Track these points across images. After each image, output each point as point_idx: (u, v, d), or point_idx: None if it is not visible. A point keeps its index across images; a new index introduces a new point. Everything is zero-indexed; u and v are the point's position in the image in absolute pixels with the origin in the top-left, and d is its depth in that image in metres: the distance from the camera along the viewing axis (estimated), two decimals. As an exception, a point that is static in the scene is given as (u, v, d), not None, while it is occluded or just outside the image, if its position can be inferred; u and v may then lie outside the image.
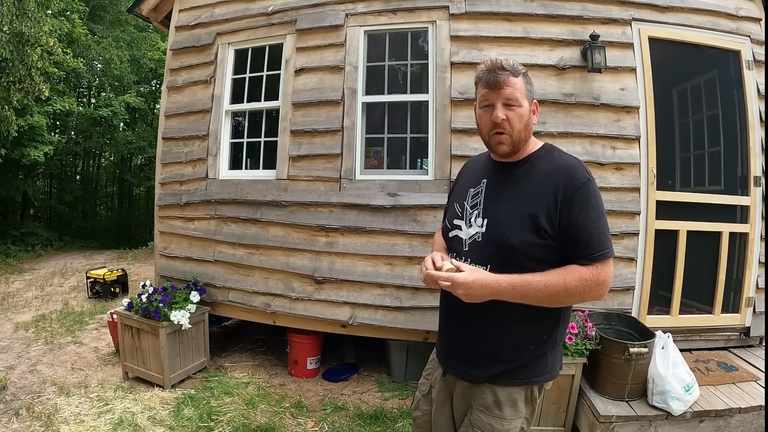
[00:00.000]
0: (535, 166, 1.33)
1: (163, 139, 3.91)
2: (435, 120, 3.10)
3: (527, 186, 1.30)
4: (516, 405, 1.34)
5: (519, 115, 1.29)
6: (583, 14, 3.00)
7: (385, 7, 3.23)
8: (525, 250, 1.24)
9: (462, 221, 1.40)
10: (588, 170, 1.28)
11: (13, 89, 6.76)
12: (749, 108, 3.04)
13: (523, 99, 1.30)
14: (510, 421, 1.34)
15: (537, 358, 1.33)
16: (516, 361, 1.32)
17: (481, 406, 1.35)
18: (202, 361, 3.45)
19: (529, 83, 1.33)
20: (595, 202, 1.24)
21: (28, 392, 3.05)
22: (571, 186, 1.24)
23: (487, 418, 1.34)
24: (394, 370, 3.35)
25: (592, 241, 1.21)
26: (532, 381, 1.34)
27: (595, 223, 1.22)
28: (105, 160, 16.41)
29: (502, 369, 1.32)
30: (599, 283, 1.20)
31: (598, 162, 2.91)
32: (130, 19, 12.54)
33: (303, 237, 3.30)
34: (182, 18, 3.88)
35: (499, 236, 1.29)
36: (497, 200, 1.35)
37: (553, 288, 1.19)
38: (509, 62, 1.30)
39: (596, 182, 1.29)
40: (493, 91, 1.29)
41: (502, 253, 1.27)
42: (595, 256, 1.21)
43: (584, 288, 1.20)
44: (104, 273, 5.68)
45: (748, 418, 2.34)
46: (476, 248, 1.33)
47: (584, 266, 1.21)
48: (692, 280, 3.03)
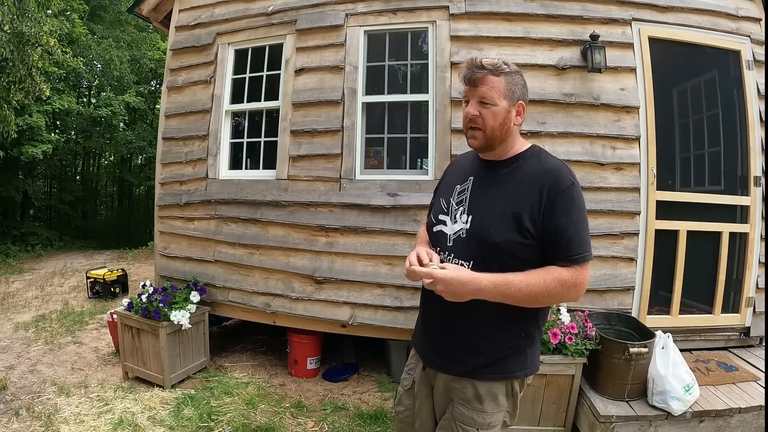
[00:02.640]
0: (521, 166, 1.35)
1: (163, 139, 3.91)
2: (435, 120, 3.10)
3: (513, 186, 1.32)
4: (497, 399, 1.36)
5: (493, 113, 1.31)
6: (583, 14, 3.00)
7: (385, 7, 3.23)
8: (507, 248, 1.26)
9: (447, 217, 1.42)
10: (573, 174, 1.30)
11: (14, 89, 6.76)
12: (749, 108, 3.04)
13: (500, 98, 1.30)
14: (491, 414, 1.36)
15: (516, 353, 1.35)
16: (494, 355, 1.34)
17: (462, 399, 1.37)
18: (202, 361, 3.45)
19: (514, 83, 1.32)
20: (578, 205, 1.27)
21: (28, 392, 3.05)
22: (556, 189, 1.26)
23: (468, 412, 1.36)
24: (394, 370, 3.35)
25: (572, 244, 1.23)
26: (512, 375, 1.36)
27: (576, 227, 1.24)
28: (105, 160, 16.44)
29: (480, 363, 1.34)
30: (576, 284, 1.23)
31: (598, 162, 2.90)
32: (130, 19, 12.56)
33: (303, 237, 3.30)
34: (182, 18, 3.89)
35: (482, 233, 1.31)
36: (483, 198, 1.36)
37: (533, 288, 1.21)
38: (492, 61, 1.30)
39: (596, 182, 1.29)
40: (470, 89, 1.33)
41: (485, 249, 1.29)
42: (573, 258, 1.23)
43: (562, 289, 1.22)
44: (104, 273, 5.69)
45: (748, 418, 2.34)
46: (460, 244, 1.35)
47: (563, 267, 1.23)
48: (692, 280, 3.03)
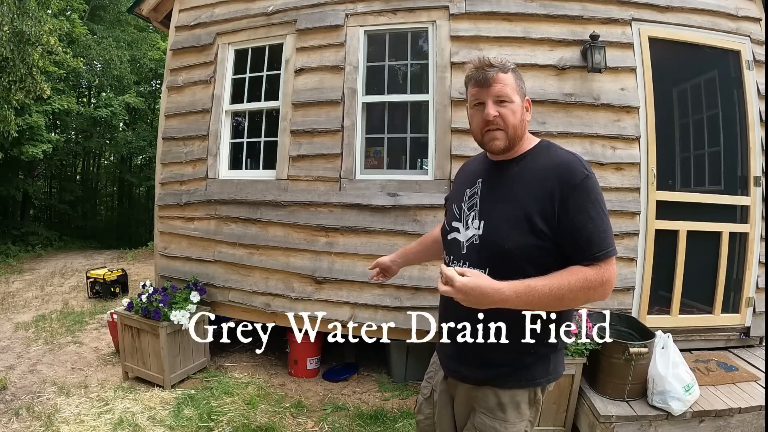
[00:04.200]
0: (530, 163, 1.28)
1: (163, 139, 3.91)
2: (435, 120, 3.10)
3: (523, 185, 1.26)
4: (519, 407, 1.31)
5: (512, 110, 1.26)
6: (583, 14, 3.00)
7: (385, 7, 3.23)
8: (522, 253, 1.21)
9: (460, 223, 1.37)
10: (587, 165, 1.22)
11: (14, 88, 6.76)
12: (749, 108, 3.04)
13: (515, 94, 1.27)
14: (514, 423, 1.30)
15: (539, 359, 1.30)
16: (517, 362, 1.29)
17: (484, 408, 1.32)
18: (202, 361, 3.45)
19: (519, 79, 1.31)
20: (595, 198, 1.18)
21: (28, 392, 3.05)
22: (568, 184, 1.18)
23: (490, 421, 1.30)
24: (394, 370, 3.35)
25: (593, 241, 1.16)
26: (536, 383, 1.31)
27: (595, 222, 1.16)
28: (105, 160, 16.45)
29: (503, 371, 1.29)
30: (603, 283, 1.15)
31: (598, 162, 2.91)
32: (130, 19, 12.56)
33: (303, 237, 3.30)
34: (182, 18, 3.88)
35: (495, 239, 1.25)
36: (493, 201, 1.31)
37: (557, 292, 1.13)
38: (497, 59, 1.28)
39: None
40: (483, 89, 1.27)
41: (499, 255, 1.23)
42: (597, 256, 1.15)
43: (588, 289, 1.14)
44: (104, 273, 5.68)
45: (748, 418, 2.34)
46: (474, 251, 1.30)
47: (587, 267, 1.15)
48: (692, 280, 3.03)
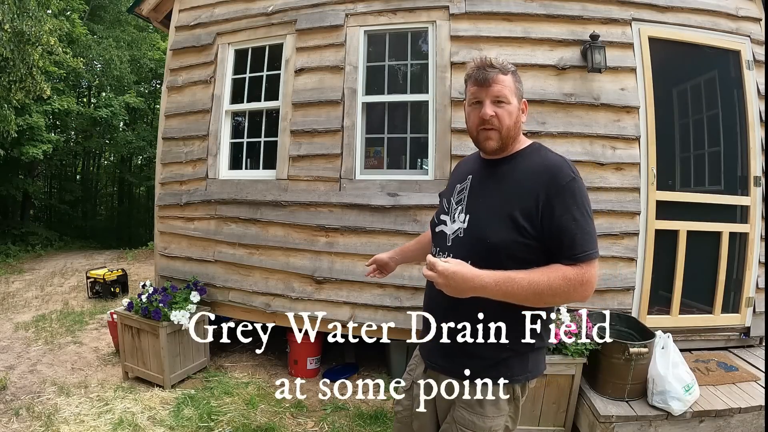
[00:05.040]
0: (520, 163, 1.32)
1: (163, 139, 3.91)
2: (435, 120, 3.10)
3: (510, 183, 1.30)
4: (498, 403, 1.34)
5: (508, 111, 1.30)
6: (583, 14, 3.00)
7: (385, 7, 3.23)
8: (505, 248, 1.24)
9: (447, 216, 1.42)
10: (574, 169, 1.26)
11: (15, 88, 6.76)
12: (749, 108, 3.04)
13: (512, 96, 1.30)
14: (492, 418, 1.34)
15: (518, 356, 1.33)
16: (495, 357, 1.32)
17: (463, 402, 1.36)
18: (202, 361, 3.45)
19: (518, 81, 1.34)
20: (580, 201, 1.22)
21: (28, 392, 3.05)
22: (555, 186, 1.22)
23: (469, 415, 1.34)
24: (394, 370, 3.35)
25: (576, 242, 1.19)
26: (514, 379, 1.33)
27: (579, 223, 1.20)
28: (105, 160, 16.47)
29: (482, 365, 1.33)
30: (584, 283, 1.18)
31: (598, 162, 2.90)
32: (130, 19, 12.56)
33: (303, 237, 3.30)
34: (182, 18, 3.89)
35: (478, 233, 1.30)
36: (480, 196, 1.35)
37: (536, 286, 1.16)
38: (498, 60, 1.31)
39: (596, 182, 1.27)
40: (482, 89, 1.30)
41: (482, 250, 1.27)
42: (579, 256, 1.19)
43: (568, 288, 1.17)
44: (104, 273, 5.68)
45: (748, 418, 2.34)
46: (458, 244, 1.34)
47: (568, 266, 1.19)
48: (692, 280, 3.03)
